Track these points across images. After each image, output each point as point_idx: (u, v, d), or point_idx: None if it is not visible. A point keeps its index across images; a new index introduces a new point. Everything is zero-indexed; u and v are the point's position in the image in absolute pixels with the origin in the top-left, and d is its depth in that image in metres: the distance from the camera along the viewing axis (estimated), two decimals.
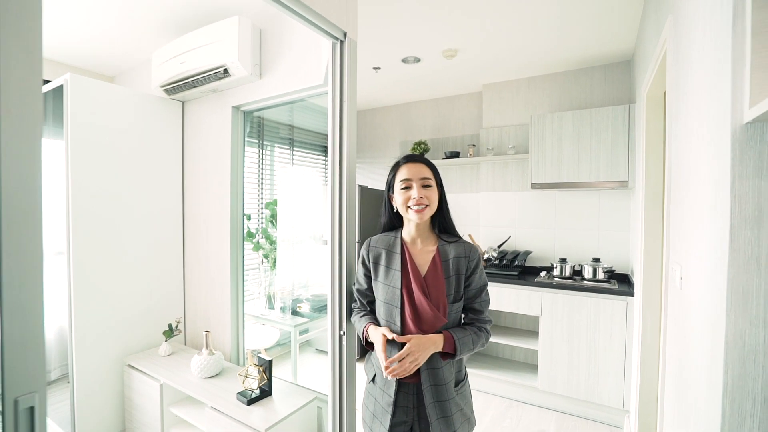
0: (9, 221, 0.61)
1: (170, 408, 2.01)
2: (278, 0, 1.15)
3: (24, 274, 0.64)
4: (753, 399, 0.72)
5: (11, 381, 0.62)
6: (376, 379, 1.21)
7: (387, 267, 1.20)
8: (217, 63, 2.02)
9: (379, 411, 1.18)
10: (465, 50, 2.65)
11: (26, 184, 0.64)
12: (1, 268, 0.61)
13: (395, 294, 1.15)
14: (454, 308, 1.15)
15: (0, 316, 0.62)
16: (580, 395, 2.56)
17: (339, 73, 1.39)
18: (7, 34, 0.61)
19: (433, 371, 1.12)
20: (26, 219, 0.64)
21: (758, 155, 0.70)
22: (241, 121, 2.29)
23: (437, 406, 1.12)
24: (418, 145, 3.60)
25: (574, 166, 2.74)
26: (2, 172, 0.60)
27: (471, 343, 1.14)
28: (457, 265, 1.16)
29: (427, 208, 1.15)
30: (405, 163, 1.20)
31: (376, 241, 1.26)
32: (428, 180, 1.17)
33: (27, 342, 0.64)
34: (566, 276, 2.76)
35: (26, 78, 0.63)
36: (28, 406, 0.64)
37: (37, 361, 0.65)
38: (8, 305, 0.62)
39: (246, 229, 2.40)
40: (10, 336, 0.62)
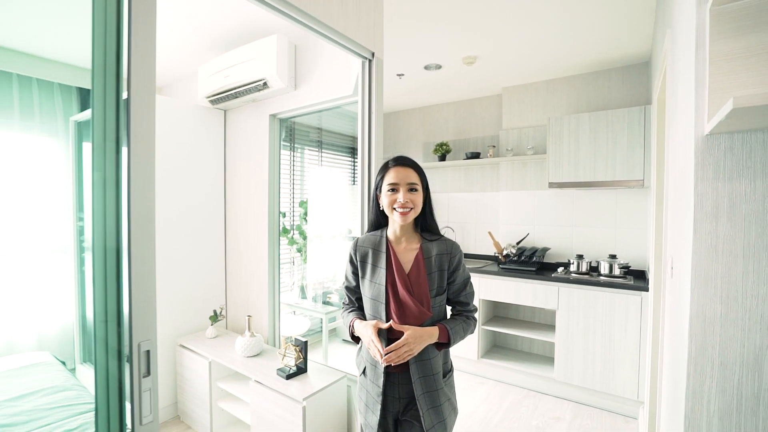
0: (135, 218, 0.85)
1: (217, 383, 2.27)
2: (316, 29, 1.36)
3: (144, 258, 0.87)
4: (712, 363, 0.87)
5: (137, 332, 0.85)
6: (366, 371, 1.27)
7: (373, 265, 1.25)
8: (258, 77, 2.26)
9: (371, 401, 1.24)
10: (484, 57, 2.80)
11: (145, 188, 0.87)
12: (131, 254, 0.84)
13: (381, 290, 1.21)
14: (437, 301, 1.21)
15: (129, 290, 0.85)
16: (595, 386, 2.66)
17: (368, 87, 1.59)
18: (136, 74, 0.84)
19: (422, 363, 1.18)
20: (145, 213, 0.87)
21: (716, 162, 0.85)
22: (277, 128, 2.53)
23: (427, 396, 1.17)
24: (440, 146, 3.76)
25: (590, 166, 2.84)
26: (132, 178, 0.83)
27: (462, 331, 1.22)
28: (439, 261, 1.21)
29: (411, 212, 1.20)
30: (393, 167, 1.23)
31: (363, 240, 1.31)
32: (414, 185, 1.21)
33: (146, 307, 0.88)
34: (583, 272, 2.87)
35: (146, 104, 0.86)
36: (146, 349, 0.87)
37: (151, 320, 0.89)
38: (135, 281, 0.85)
39: (281, 225, 2.64)
40: (135, 304, 0.86)
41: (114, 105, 0.86)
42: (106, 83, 0.86)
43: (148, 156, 0.87)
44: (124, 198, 0.85)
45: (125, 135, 0.85)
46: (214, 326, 2.56)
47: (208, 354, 2.28)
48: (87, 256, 2.86)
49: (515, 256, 3.14)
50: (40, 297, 2.75)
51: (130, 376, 0.86)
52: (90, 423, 1.61)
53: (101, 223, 0.85)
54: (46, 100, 2.78)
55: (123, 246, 0.85)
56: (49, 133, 2.80)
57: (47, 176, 2.78)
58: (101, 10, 0.85)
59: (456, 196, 3.90)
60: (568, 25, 2.31)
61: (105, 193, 0.85)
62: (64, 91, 2.85)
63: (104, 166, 0.86)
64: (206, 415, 2.29)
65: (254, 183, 2.59)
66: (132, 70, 0.85)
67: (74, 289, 2.88)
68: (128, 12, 0.85)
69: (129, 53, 0.85)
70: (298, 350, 1.97)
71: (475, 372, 3.23)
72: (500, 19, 2.25)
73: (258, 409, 1.95)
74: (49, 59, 2.72)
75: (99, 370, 0.87)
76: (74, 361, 2.89)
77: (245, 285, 2.68)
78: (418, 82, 3.35)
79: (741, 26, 0.79)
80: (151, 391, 0.88)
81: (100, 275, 0.85)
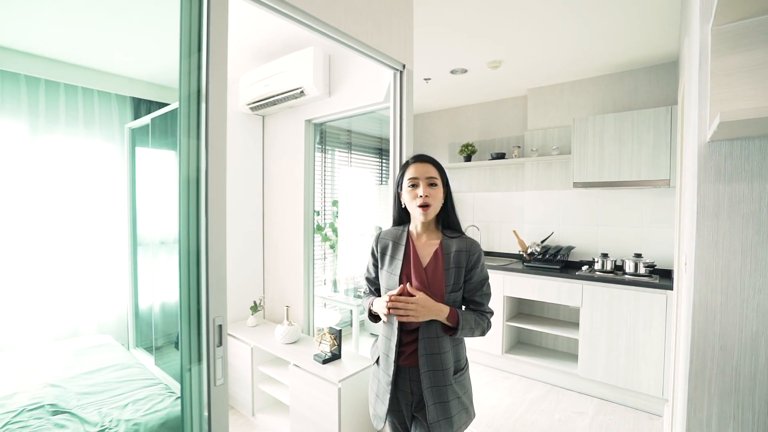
0: (211, 209, 1.03)
1: (259, 367, 2.48)
2: (353, 47, 1.52)
3: (217, 249, 1.05)
4: (713, 347, 0.96)
5: (212, 308, 1.03)
6: (380, 360, 1.30)
7: (392, 257, 1.28)
8: (295, 85, 2.45)
9: (381, 391, 1.27)
10: (509, 61, 2.88)
11: (218, 188, 1.05)
12: (209, 240, 1.02)
13: (396, 281, 1.23)
14: (451, 297, 1.21)
15: (207, 276, 1.03)
16: (619, 383, 2.71)
17: (399, 96, 1.73)
18: (213, 92, 1.02)
19: (432, 356, 1.18)
20: (218, 205, 1.05)
21: (716, 165, 0.94)
22: (312, 132, 2.72)
23: (434, 391, 1.17)
24: (466, 147, 3.86)
25: (615, 166, 2.87)
26: (210, 178, 1.02)
27: (473, 323, 1.21)
28: (458, 258, 1.22)
29: (431, 207, 1.22)
30: (413, 163, 1.27)
31: (385, 233, 1.35)
32: (434, 179, 1.23)
33: (219, 290, 1.06)
34: (607, 270, 2.91)
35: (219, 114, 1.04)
36: (218, 324, 1.05)
37: (223, 300, 1.07)
38: (212, 269, 1.03)
39: (315, 223, 2.83)
40: (211, 287, 1.04)
41: (196, 117, 1.04)
42: (190, 99, 1.04)
43: (221, 160, 1.05)
44: (203, 198, 1.03)
45: (205, 145, 1.02)
46: (254, 316, 2.78)
47: (250, 340, 2.49)
48: (140, 250, 3.16)
49: (540, 255, 3.20)
50: (99, 288, 3.07)
51: (207, 346, 1.04)
52: (154, 395, 1.84)
53: (186, 222, 1.04)
54: (105, 109, 3.08)
55: (202, 240, 1.03)
56: (107, 139, 3.11)
57: (106, 177, 3.08)
58: (186, 36, 1.03)
59: (481, 195, 3.99)
60: (595, 28, 2.37)
61: (188, 194, 1.04)
62: (120, 100, 3.15)
63: (188, 169, 1.04)
64: (248, 396, 2.51)
65: (290, 183, 2.78)
66: (210, 88, 1.02)
67: (129, 281, 3.18)
68: (206, 39, 1.02)
69: (207, 74, 1.03)
70: (333, 338, 2.14)
71: (499, 367, 3.32)
72: (525, 24, 2.34)
73: (297, 391, 2.14)
74: (108, 72, 3.02)
75: (183, 341, 1.05)
76: (128, 345, 3.20)
77: (281, 278, 2.88)
78: (444, 85, 3.46)
79: (739, 44, 0.89)
80: (222, 359, 1.06)
81: (185, 265, 1.04)
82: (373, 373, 1.35)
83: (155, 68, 3.00)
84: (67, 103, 2.88)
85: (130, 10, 2.08)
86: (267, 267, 3.01)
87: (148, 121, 2.87)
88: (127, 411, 1.69)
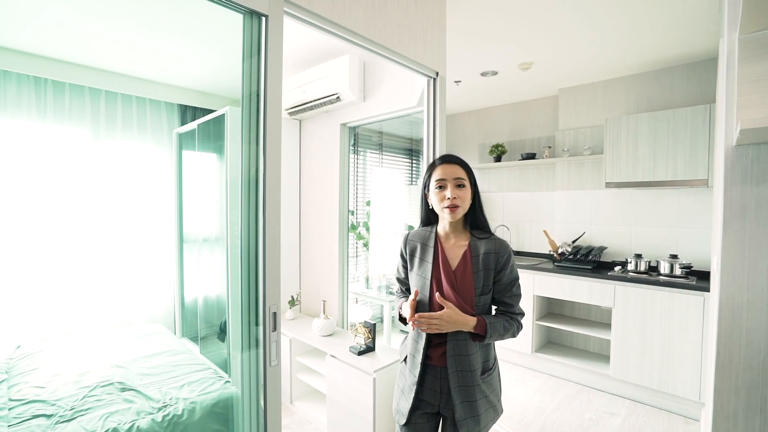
0: (268, 205, 1.16)
1: (296, 357, 2.64)
2: (389, 57, 1.62)
3: (272, 244, 1.18)
4: (739, 343, 1.00)
5: (268, 297, 1.17)
6: (407, 359, 1.31)
7: (421, 259, 1.28)
8: (332, 91, 2.59)
9: (406, 388, 1.28)
10: (540, 62, 2.91)
11: (273, 185, 1.18)
12: (266, 236, 1.15)
13: (425, 284, 1.24)
14: (481, 300, 1.21)
15: (264, 267, 1.17)
16: (652, 385, 2.68)
17: (432, 102, 1.83)
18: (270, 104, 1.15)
19: (460, 358, 1.19)
20: (274, 204, 1.18)
21: (743, 168, 0.98)
22: (347, 135, 2.85)
23: (462, 390, 1.19)
24: (496, 148, 3.89)
25: (650, 166, 2.84)
26: (267, 179, 1.15)
27: (501, 329, 1.20)
28: (486, 260, 1.21)
29: (459, 208, 1.21)
30: (440, 164, 1.26)
31: (413, 235, 1.35)
32: (462, 180, 1.22)
33: (273, 280, 1.19)
34: (641, 271, 2.88)
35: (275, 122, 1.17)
36: (273, 311, 1.18)
37: (277, 290, 1.20)
38: (268, 261, 1.16)
39: (349, 222, 2.96)
40: (268, 278, 1.17)
41: (255, 125, 1.17)
42: (250, 104, 1.17)
43: (276, 160, 1.18)
44: (260, 197, 1.16)
45: (263, 147, 1.15)
46: (291, 310, 2.95)
47: (289, 332, 2.65)
48: (186, 247, 3.40)
49: (571, 255, 3.20)
50: (149, 282, 3.33)
51: (263, 331, 1.18)
52: (206, 378, 2.02)
53: (246, 219, 1.17)
54: (156, 115, 3.34)
55: (260, 236, 1.17)
56: (157, 143, 3.37)
57: (156, 179, 3.35)
58: (248, 50, 1.17)
59: (511, 195, 4.01)
60: (629, 26, 2.35)
61: (249, 193, 1.17)
62: (168, 108, 3.40)
63: (248, 170, 1.18)
64: (287, 385, 2.67)
65: (326, 184, 2.93)
66: (267, 97, 1.15)
67: (176, 275, 3.42)
68: (265, 53, 1.15)
69: (265, 81, 1.15)
70: (367, 331, 2.26)
71: (528, 366, 3.34)
72: (556, 26, 2.36)
73: (333, 380, 2.27)
74: (158, 82, 3.27)
75: (243, 326, 1.19)
76: (175, 335, 3.44)
77: (317, 275, 3.03)
78: (475, 87, 3.51)
79: (765, 52, 0.93)
80: (276, 343, 1.19)
81: (245, 259, 1.18)
82: (400, 370, 1.37)
83: (201, 77, 3.22)
84: (124, 111, 3.15)
85: (179, 26, 2.27)
86: (303, 264, 3.17)
87: (194, 126, 3.09)
88: (184, 391, 1.87)
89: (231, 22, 1.18)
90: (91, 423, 1.58)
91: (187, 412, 1.71)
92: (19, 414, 1.65)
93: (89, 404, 1.72)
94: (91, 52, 2.67)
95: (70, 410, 1.68)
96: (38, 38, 2.44)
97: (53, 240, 2.84)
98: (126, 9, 2.06)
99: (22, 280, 2.70)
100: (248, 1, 1.11)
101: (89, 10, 2.05)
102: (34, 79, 2.72)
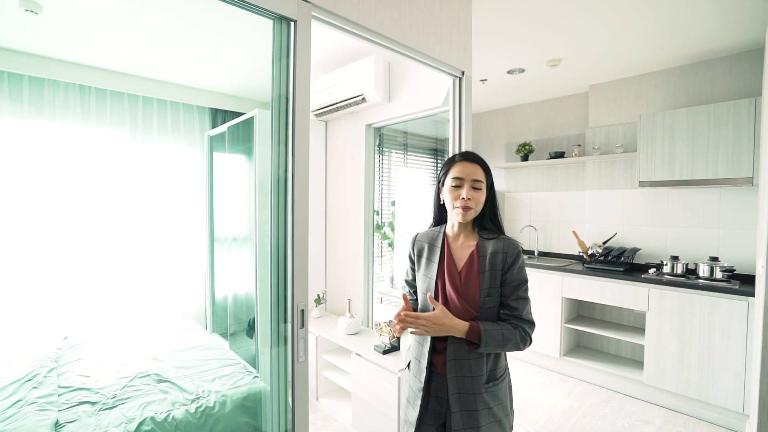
0: (297, 205, 1.19)
1: (322, 355, 2.69)
2: (414, 57, 1.62)
3: (301, 244, 1.21)
4: None
5: (297, 295, 1.20)
6: (411, 365, 1.27)
7: (428, 260, 1.25)
8: (357, 92, 2.61)
9: (412, 396, 1.23)
10: (569, 58, 2.83)
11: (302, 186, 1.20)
12: (294, 235, 1.18)
13: (430, 285, 1.20)
14: (487, 303, 1.14)
15: (293, 266, 1.20)
16: (691, 393, 2.56)
17: (458, 102, 1.81)
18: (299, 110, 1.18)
19: (459, 362, 1.13)
20: (302, 204, 1.21)
21: None
22: (372, 136, 2.87)
23: (461, 397, 1.11)
24: (523, 146, 3.82)
25: (687, 164, 2.71)
26: (295, 180, 1.18)
27: (500, 338, 1.09)
28: (493, 260, 1.15)
29: (471, 210, 1.16)
30: (460, 161, 1.20)
31: (422, 236, 1.32)
32: (479, 182, 1.17)
33: (301, 279, 1.22)
34: (677, 274, 2.75)
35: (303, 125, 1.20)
36: (301, 308, 1.21)
37: (305, 288, 1.22)
38: (296, 260, 1.19)
39: (375, 222, 2.98)
40: (296, 276, 1.20)
41: (284, 127, 1.21)
42: (279, 109, 1.21)
43: (304, 161, 1.20)
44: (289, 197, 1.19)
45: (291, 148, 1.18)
46: (317, 308, 3.00)
47: (315, 330, 2.70)
48: (216, 246, 3.52)
49: (601, 256, 3.10)
50: (183, 279, 3.47)
51: (292, 328, 1.21)
52: (236, 373, 2.09)
53: (276, 219, 1.21)
54: (188, 119, 3.47)
55: (288, 235, 1.20)
56: (190, 145, 3.50)
57: (189, 180, 3.48)
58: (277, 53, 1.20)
59: (538, 195, 3.92)
60: (665, 17, 2.25)
61: (278, 194, 1.21)
62: (200, 111, 3.53)
63: (277, 170, 1.21)
64: (313, 382, 2.72)
65: (352, 184, 2.96)
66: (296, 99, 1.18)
67: (207, 273, 3.55)
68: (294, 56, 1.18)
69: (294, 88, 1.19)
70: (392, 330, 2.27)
71: (556, 369, 3.26)
72: (586, 21, 2.29)
73: (358, 378, 2.30)
74: (191, 87, 3.40)
75: (273, 323, 1.23)
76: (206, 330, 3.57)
77: (343, 274, 3.07)
78: (501, 85, 3.46)
79: None
80: (304, 339, 1.22)
81: (274, 257, 1.21)
82: (405, 378, 1.32)
83: (231, 81, 3.33)
84: (159, 115, 3.30)
85: (212, 33, 2.36)
86: (329, 263, 3.22)
87: (224, 129, 3.20)
88: (215, 384, 1.94)
89: (260, 27, 1.22)
90: (131, 411, 1.67)
91: (218, 404, 1.78)
92: (67, 400, 1.77)
93: (129, 393, 1.82)
94: (130, 61, 2.81)
95: (112, 398, 1.78)
96: (84, 49, 2.59)
97: (96, 239, 3.01)
98: (162, 19, 2.16)
99: (69, 277, 2.89)
100: (278, 7, 1.14)
101: (129, 23, 2.16)
102: (80, 87, 2.89)
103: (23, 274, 2.71)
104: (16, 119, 2.68)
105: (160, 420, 1.63)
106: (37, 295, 2.76)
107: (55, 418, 1.61)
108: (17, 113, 2.67)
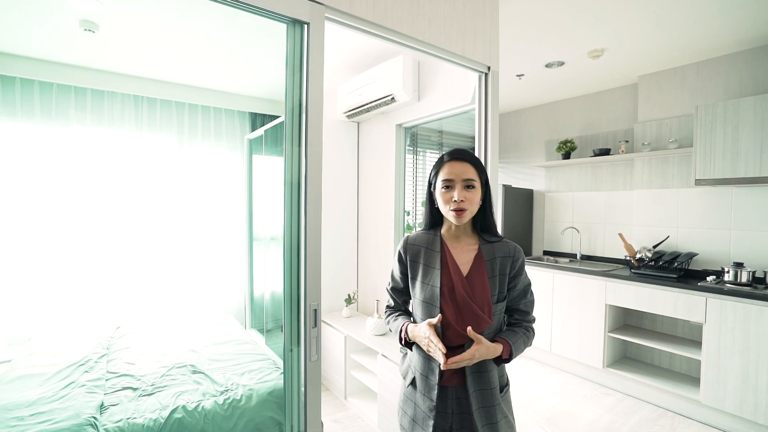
0: (309, 208, 1.20)
1: (351, 354, 2.70)
2: (437, 55, 1.59)
3: (314, 245, 1.22)
4: None
5: (309, 296, 1.21)
6: (417, 383, 1.16)
7: (426, 266, 1.15)
8: (387, 93, 2.60)
9: (420, 416, 1.14)
10: (613, 47, 2.63)
11: (315, 187, 1.21)
12: (307, 235, 1.19)
13: (434, 293, 1.11)
14: (497, 308, 1.11)
15: (305, 267, 1.21)
16: (758, 418, 2.28)
17: (484, 97, 1.75)
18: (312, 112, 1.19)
19: (480, 375, 1.08)
20: (315, 204, 1.21)
21: None
22: (402, 136, 2.85)
23: (483, 412, 1.08)
24: (564, 144, 3.62)
25: (755, 159, 2.42)
26: (308, 181, 1.19)
27: (522, 345, 1.12)
28: (501, 265, 1.12)
29: (466, 212, 1.09)
30: (448, 161, 1.12)
31: (414, 239, 1.21)
32: (471, 181, 1.09)
33: (314, 280, 1.23)
34: (742, 282, 2.47)
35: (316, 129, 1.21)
36: (314, 308, 1.22)
37: (317, 288, 1.23)
38: (309, 261, 1.21)
39: (405, 223, 2.96)
40: (309, 277, 1.21)
41: (298, 127, 1.22)
42: (293, 112, 1.23)
43: (317, 164, 1.22)
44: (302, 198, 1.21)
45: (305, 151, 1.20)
46: (348, 307, 3.02)
47: (344, 330, 2.72)
48: (255, 245, 3.66)
49: (651, 261, 2.86)
50: (225, 276, 3.65)
51: (304, 327, 1.22)
52: (264, 368, 2.15)
53: (289, 219, 1.23)
54: (230, 123, 3.65)
55: (302, 235, 1.21)
56: (231, 148, 3.68)
57: (231, 181, 3.65)
58: (291, 60, 1.23)
59: (581, 195, 3.69)
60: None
61: (291, 195, 1.23)
62: (240, 116, 3.70)
63: (291, 173, 1.23)
64: (341, 380, 2.74)
65: (382, 185, 2.96)
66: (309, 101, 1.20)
67: (246, 271, 3.70)
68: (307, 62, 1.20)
69: (307, 91, 1.20)
70: None
71: (598, 381, 3.05)
72: (639, 5, 2.11)
73: (384, 379, 2.29)
74: (231, 93, 3.56)
75: (286, 325, 1.25)
76: (245, 326, 3.72)
77: (373, 274, 3.08)
78: (539, 80, 3.30)
79: None
80: (316, 339, 1.23)
81: (288, 258, 1.23)
82: (406, 395, 1.20)
83: (267, 86, 3.45)
84: (203, 121, 3.49)
85: (248, 41, 2.45)
86: (360, 263, 3.24)
87: (262, 132, 3.33)
88: (244, 378, 2.02)
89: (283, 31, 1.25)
90: (166, 399, 1.78)
91: (245, 397, 1.84)
92: (113, 384, 1.92)
93: (166, 382, 1.94)
94: (177, 71, 3.01)
95: (151, 386, 1.90)
96: (137, 62, 2.80)
97: (149, 238, 3.25)
98: (205, 30, 2.28)
99: (124, 273, 3.14)
100: (290, 11, 1.16)
101: (176, 36, 2.31)
102: (134, 98, 3.15)
103: (85, 270, 2.99)
104: (81, 127, 2.96)
105: (190, 409, 1.72)
106: (96, 288, 3.03)
107: (101, 401, 1.74)
108: (81, 121, 2.95)
